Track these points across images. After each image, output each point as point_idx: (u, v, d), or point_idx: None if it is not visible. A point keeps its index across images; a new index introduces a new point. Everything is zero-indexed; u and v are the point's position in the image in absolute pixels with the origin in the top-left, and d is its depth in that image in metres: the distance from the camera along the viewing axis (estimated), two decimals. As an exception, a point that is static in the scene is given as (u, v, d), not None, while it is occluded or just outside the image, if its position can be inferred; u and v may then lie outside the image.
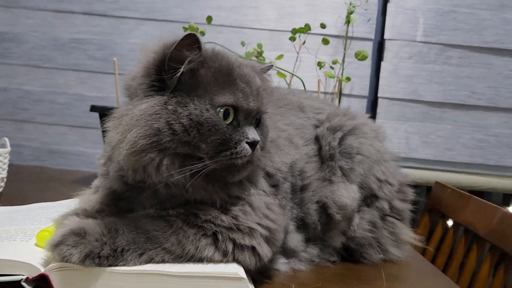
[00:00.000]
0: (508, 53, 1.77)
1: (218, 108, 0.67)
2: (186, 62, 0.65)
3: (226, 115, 0.68)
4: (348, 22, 1.51)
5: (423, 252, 1.46)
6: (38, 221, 0.83)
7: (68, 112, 1.83)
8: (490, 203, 1.21)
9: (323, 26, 1.44)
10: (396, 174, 1.00)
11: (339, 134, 0.92)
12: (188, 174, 0.66)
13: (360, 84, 1.81)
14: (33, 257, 0.65)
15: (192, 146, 0.65)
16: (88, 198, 0.78)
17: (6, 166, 1.20)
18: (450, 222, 1.41)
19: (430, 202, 1.52)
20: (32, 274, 0.62)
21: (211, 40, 1.49)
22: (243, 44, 1.50)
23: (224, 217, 0.69)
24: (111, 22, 1.77)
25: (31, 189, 1.36)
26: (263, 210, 0.74)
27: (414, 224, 1.54)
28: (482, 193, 1.98)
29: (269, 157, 0.83)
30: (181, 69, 0.65)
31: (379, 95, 1.80)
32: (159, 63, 0.66)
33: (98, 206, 0.73)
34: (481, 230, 1.19)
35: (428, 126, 1.80)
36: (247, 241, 0.69)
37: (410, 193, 1.05)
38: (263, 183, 0.80)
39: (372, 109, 1.84)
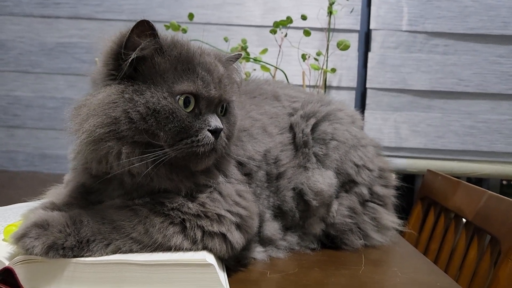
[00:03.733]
0: (492, 39, 1.76)
1: (178, 96, 0.67)
2: (138, 48, 0.65)
3: (186, 103, 0.68)
4: (330, 13, 1.51)
5: (416, 239, 1.46)
6: (13, 219, 0.83)
7: (59, 116, 1.83)
8: (477, 187, 1.20)
9: (304, 17, 1.44)
10: (375, 160, 0.99)
11: (312, 121, 0.92)
12: (150, 163, 0.66)
13: (348, 76, 1.81)
14: (-1, 251, 0.65)
15: (150, 134, 0.65)
16: (57, 192, 0.78)
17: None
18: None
19: (422, 190, 1.52)
20: (-3, 268, 0.62)
21: (196, 38, 1.50)
22: (226, 40, 1.50)
23: (191, 205, 0.69)
24: (97, 24, 1.77)
25: (23, 194, 1.37)
26: (234, 198, 0.74)
27: (406, 211, 1.54)
28: (480, 180, 1.97)
29: (241, 145, 0.83)
30: (132, 55, 0.65)
31: (367, 86, 1.79)
32: (116, 51, 0.67)
33: (66, 200, 0.73)
34: (469, 214, 1.18)
35: (418, 115, 1.79)
36: (215, 228, 0.69)
37: (392, 179, 1.05)
38: (235, 171, 0.80)
39: (362, 101, 1.83)
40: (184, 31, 1.46)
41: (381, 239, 0.96)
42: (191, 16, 1.52)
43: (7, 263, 0.62)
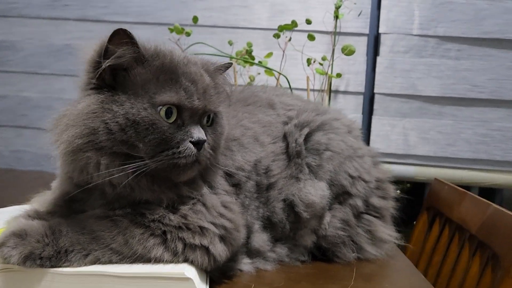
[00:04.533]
0: (509, 44, 1.70)
1: (159, 107, 0.65)
2: (112, 57, 0.64)
3: (168, 114, 0.66)
4: (336, 17, 1.48)
5: (420, 251, 1.42)
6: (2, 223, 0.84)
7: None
8: (483, 199, 1.16)
9: (308, 22, 1.42)
10: (372, 170, 0.96)
11: (305, 130, 0.90)
12: (130, 173, 0.65)
13: (356, 81, 1.77)
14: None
15: (130, 145, 0.64)
16: (42, 199, 0.78)
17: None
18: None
19: (428, 200, 1.48)
20: (-25, 276, 0.62)
21: (203, 41, 1.49)
22: (230, 43, 1.49)
23: (172, 216, 0.68)
24: (104, 26, 1.78)
25: (28, 194, 1.38)
26: (219, 209, 0.73)
27: (411, 222, 1.50)
28: (493, 190, 1.91)
29: (231, 155, 0.82)
30: (105, 64, 0.64)
31: (375, 91, 1.75)
32: (95, 60, 0.66)
33: (50, 208, 0.73)
34: (473, 227, 1.14)
35: (427, 121, 1.75)
36: (197, 240, 0.68)
37: (391, 190, 1.02)
38: (222, 182, 0.78)
39: (369, 106, 1.79)
40: (188, 34, 1.45)
41: (376, 252, 0.93)
42: (195, 19, 1.51)
43: (-14, 271, 0.62)
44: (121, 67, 0.66)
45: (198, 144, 0.67)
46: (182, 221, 0.68)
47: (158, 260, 0.66)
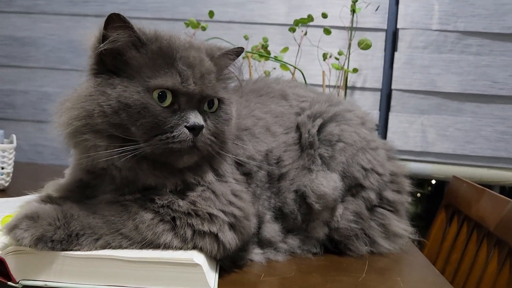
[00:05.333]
0: (531, 39, 1.66)
1: (153, 91, 0.66)
2: (107, 41, 0.65)
3: (163, 98, 0.66)
4: (353, 11, 1.47)
5: (438, 249, 1.39)
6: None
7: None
8: (501, 196, 1.13)
9: (324, 15, 1.41)
10: (386, 163, 0.95)
11: (318, 121, 0.89)
12: (129, 157, 0.65)
13: (374, 76, 1.75)
14: (-7, 241, 0.66)
15: (124, 128, 0.65)
16: (56, 184, 0.79)
17: (11, 162, 1.24)
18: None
19: (447, 197, 1.45)
20: (-10, 257, 0.63)
21: (217, 36, 1.50)
22: (246, 38, 1.49)
23: (181, 202, 0.68)
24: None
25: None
26: (228, 197, 0.73)
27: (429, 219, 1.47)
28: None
29: (242, 145, 0.81)
30: (98, 49, 0.66)
31: (393, 87, 1.73)
32: (96, 46, 0.68)
33: (63, 193, 0.74)
34: (491, 224, 1.11)
35: (446, 118, 1.71)
36: (206, 227, 0.68)
37: (407, 184, 1.00)
38: (232, 170, 0.78)
39: (387, 102, 1.77)
40: (204, 28, 1.45)
41: (390, 246, 0.92)
42: (211, 13, 1.51)
43: (-1, 253, 0.64)
44: (117, 51, 0.67)
45: (194, 129, 0.67)
46: (191, 207, 0.68)
47: (167, 246, 0.67)
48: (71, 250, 0.63)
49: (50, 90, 1.87)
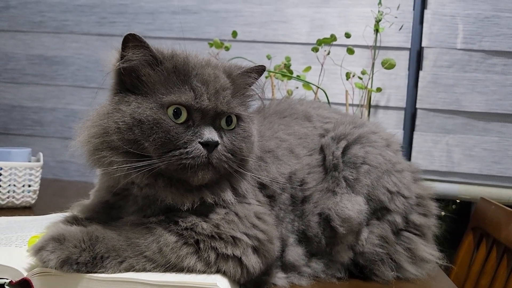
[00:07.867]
0: (558, 58, 1.62)
1: (170, 108, 0.67)
2: (122, 60, 0.67)
3: (177, 114, 0.67)
4: (376, 31, 1.46)
5: (466, 274, 1.35)
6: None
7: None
8: (533, 220, 1.09)
9: (347, 35, 1.41)
10: (412, 186, 0.93)
11: (343, 143, 0.88)
12: (146, 173, 0.66)
13: (397, 96, 1.74)
14: (20, 262, 0.67)
15: (138, 145, 0.66)
16: (81, 206, 0.80)
17: (38, 179, 1.27)
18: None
19: (474, 219, 1.41)
20: (16, 278, 0.64)
21: (240, 55, 1.51)
22: (268, 57, 1.50)
23: (205, 225, 0.68)
24: (149, 42, 1.84)
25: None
26: (252, 220, 0.72)
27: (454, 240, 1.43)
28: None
29: (265, 167, 0.81)
30: (115, 67, 0.68)
31: (417, 106, 1.71)
32: (115, 65, 0.69)
33: (88, 214, 0.75)
34: (523, 250, 1.07)
35: (472, 138, 1.68)
36: (229, 250, 0.67)
37: (433, 207, 0.97)
38: (255, 192, 0.78)
39: (411, 121, 1.74)
40: (227, 48, 1.47)
41: (416, 272, 0.89)
42: (234, 33, 1.53)
43: (25, 274, 0.64)
44: (134, 70, 0.68)
45: (208, 145, 0.67)
46: (214, 230, 0.68)
47: (190, 270, 0.66)
48: (95, 272, 0.64)
49: (77, 108, 1.92)
